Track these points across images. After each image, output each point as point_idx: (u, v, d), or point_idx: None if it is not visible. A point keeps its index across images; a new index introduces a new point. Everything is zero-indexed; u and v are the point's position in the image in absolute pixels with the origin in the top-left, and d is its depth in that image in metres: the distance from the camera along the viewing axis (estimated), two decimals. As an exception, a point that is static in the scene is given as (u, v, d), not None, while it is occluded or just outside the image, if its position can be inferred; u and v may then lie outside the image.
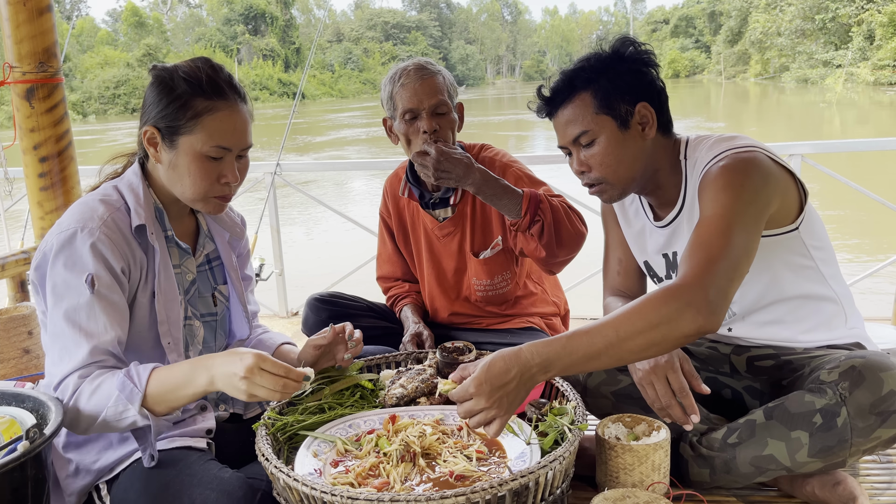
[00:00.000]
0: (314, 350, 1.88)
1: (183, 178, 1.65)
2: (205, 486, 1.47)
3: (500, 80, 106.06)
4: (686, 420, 1.65)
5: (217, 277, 1.88)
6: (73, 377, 1.51)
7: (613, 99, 1.73)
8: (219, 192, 1.68)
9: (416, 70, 2.24)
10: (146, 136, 1.65)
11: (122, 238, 1.61)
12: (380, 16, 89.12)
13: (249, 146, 1.70)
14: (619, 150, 1.75)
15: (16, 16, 2.84)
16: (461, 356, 1.97)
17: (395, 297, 2.60)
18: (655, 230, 1.92)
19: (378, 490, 1.40)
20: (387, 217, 2.59)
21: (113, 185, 1.70)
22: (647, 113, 1.76)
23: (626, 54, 1.76)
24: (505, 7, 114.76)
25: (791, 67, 45.99)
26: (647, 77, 1.77)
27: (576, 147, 1.79)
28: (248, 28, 67.45)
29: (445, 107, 2.24)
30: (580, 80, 1.75)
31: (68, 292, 1.55)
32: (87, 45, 59.58)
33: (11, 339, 2.63)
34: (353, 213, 9.72)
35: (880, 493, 1.79)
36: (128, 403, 1.48)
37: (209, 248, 1.87)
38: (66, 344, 1.54)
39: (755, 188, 1.60)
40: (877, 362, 1.57)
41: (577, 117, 1.76)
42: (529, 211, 2.08)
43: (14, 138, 3.00)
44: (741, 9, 56.29)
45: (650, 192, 1.88)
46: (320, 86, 63.11)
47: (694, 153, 1.80)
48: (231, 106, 1.64)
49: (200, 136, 1.61)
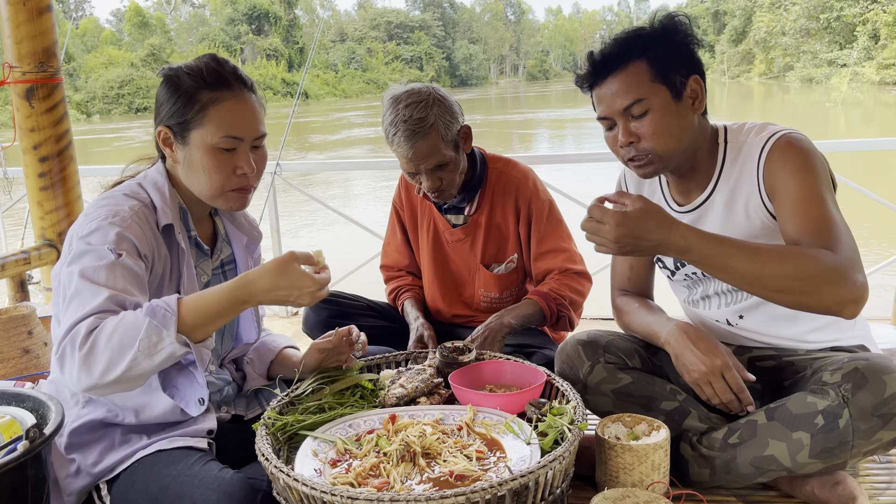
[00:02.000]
0: (319, 353, 1.88)
1: (199, 173, 1.65)
2: (206, 486, 1.47)
3: (504, 80, 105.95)
4: (743, 409, 1.70)
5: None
6: (86, 320, 1.39)
7: (669, 69, 1.70)
8: (236, 185, 1.67)
9: (406, 136, 2.13)
10: (160, 136, 1.66)
11: (150, 231, 1.61)
12: (383, 15, 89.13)
13: (263, 135, 1.69)
14: (671, 121, 1.71)
15: (16, 16, 2.85)
16: (461, 356, 1.97)
17: (398, 289, 2.59)
18: (677, 216, 1.88)
19: (378, 490, 1.40)
20: (399, 208, 2.58)
21: (137, 182, 1.70)
22: (697, 87, 1.74)
23: (676, 26, 1.73)
24: (508, 7, 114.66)
25: (795, 67, 45.89)
26: (696, 54, 1.75)
27: (624, 117, 1.73)
28: (252, 28, 67.52)
29: (443, 160, 2.18)
30: (636, 48, 1.70)
31: (90, 254, 1.49)
32: (91, 45, 59.70)
33: (11, 339, 2.63)
34: (356, 213, 9.70)
35: (880, 493, 1.79)
36: (161, 329, 1.38)
37: (226, 253, 1.86)
38: (83, 299, 1.43)
39: (825, 168, 1.68)
40: (880, 364, 1.56)
41: (631, 85, 1.70)
42: (552, 313, 2.27)
43: (14, 138, 3.00)
44: (745, 8, 56.20)
45: (683, 172, 1.84)
46: (324, 85, 63.16)
47: (737, 137, 1.79)
48: (237, 95, 1.64)
49: (209, 127, 1.61)
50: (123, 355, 1.36)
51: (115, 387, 1.40)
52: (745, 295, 1.85)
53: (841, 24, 41.70)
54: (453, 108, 2.20)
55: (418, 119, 2.12)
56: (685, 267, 1.94)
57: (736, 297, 1.87)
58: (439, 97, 2.18)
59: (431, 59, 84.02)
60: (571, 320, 2.31)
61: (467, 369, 1.93)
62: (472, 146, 2.35)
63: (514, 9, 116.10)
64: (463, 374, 1.90)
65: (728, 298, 1.89)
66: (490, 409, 1.72)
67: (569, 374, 1.91)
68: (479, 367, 1.95)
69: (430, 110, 2.13)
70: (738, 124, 1.82)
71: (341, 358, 1.91)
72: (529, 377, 1.88)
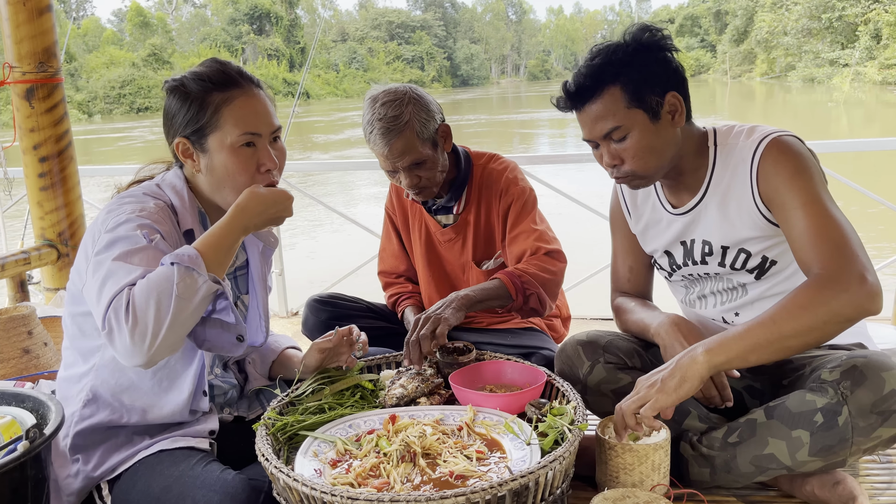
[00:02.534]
0: (319, 353, 1.88)
1: (224, 179, 1.64)
2: (207, 487, 1.47)
3: (505, 80, 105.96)
4: (723, 404, 1.72)
5: (241, 287, 1.87)
6: (122, 293, 1.38)
7: (644, 91, 1.70)
8: (263, 182, 1.65)
9: (381, 134, 2.15)
10: (179, 149, 1.65)
11: (174, 230, 1.61)
12: (384, 15, 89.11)
13: (279, 127, 1.69)
14: (651, 143, 1.73)
15: (16, 16, 2.85)
16: (461, 356, 1.97)
17: (398, 296, 2.59)
18: (674, 219, 1.90)
19: (378, 490, 1.40)
20: (392, 213, 2.59)
21: (156, 183, 1.70)
22: (675, 102, 1.74)
23: (649, 43, 1.72)
24: (510, 6, 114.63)
25: (797, 67, 45.90)
26: (672, 64, 1.74)
27: (605, 142, 1.76)
28: (253, 28, 67.53)
29: (420, 158, 2.19)
30: (608, 75, 1.70)
31: (121, 242, 1.48)
32: (92, 45, 59.72)
33: (11, 339, 2.63)
34: (357, 213, 9.69)
35: (880, 493, 1.79)
36: (193, 270, 1.40)
37: (240, 259, 1.85)
38: (117, 277, 1.42)
39: (817, 168, 1.69)
40: (878, 362, 1.56)
41: (608, 113, 1.71)
42: (518, 291, 2.17)
43: (14, 138, 3.00)
44: (747, 8, 56.18)
45: (671, 177, 1.86)
46: (325, 85, 63.19)
47: (726, 140, 1.79)
48: (246, 91, 1.64)
49: (226, 127, 1.61)
50: (167, 305, 1.36)
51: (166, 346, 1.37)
52: (741, 293, 1.86)
53: (843, 23, 41.68)
54: (430, 107, 2.22)
55: (393, 117, 2.14)
56: (681, 269, 1.94)
57: (731, 296, 1.88)
58: (415, 96, 2.20)
59: (433, 58, 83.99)
60: (542, 298, 2.23)
61: (467, 369, 1.93)
62: (452, 144, 2.35)
63: (516, 8, 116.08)
64: (463, 374, 1.90)
65: (723, 297, 1.89)
66: (490, 410, 1.72)
67: (569, 374, 1.91)
68: (480, 368, 1.95)
69: (405, 108, 2.15)
70: (727, 126, 1.83)
71: (342, 358, 1.91)
72: (529, 377, 1.88)
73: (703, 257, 1.87)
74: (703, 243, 1.86)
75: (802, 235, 1.62)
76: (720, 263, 1.85)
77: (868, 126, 22.97)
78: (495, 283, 2.19)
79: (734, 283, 1.87)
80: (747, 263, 1.81)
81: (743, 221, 1.76)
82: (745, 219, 1.76)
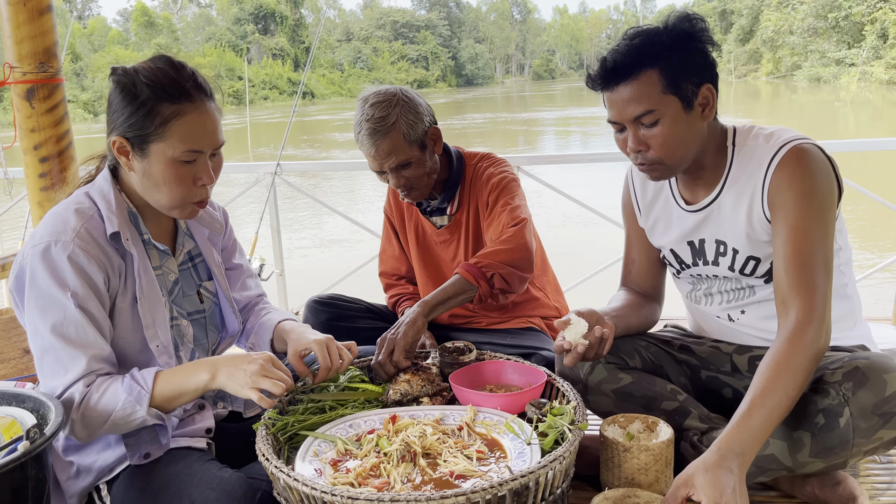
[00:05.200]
0: (299, 360, 1.81)
1: (159, 185, 1.61)
2: (205, 486, 1.48)
3: (510, 79, 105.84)
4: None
5: (201, 274, 1.85)
6: (77, 385, 1.52)
7: (681, 78, 1.67)
8: (196, 197, 1.64)
9: (368, 134, 2.16)
10: (115, 146, 1.61)
11: (97, 247, 1.58)
12: (389, 15, 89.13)
13: (222, 144, 1.66)
14: (681, 133, 1.70)
15: (16, 16, 2.84)
16: (461, 356, 1.97)
17: (399, 297, 2.59)
18: (685, 215, 1.89)
19: (378, 490, 1.40)
20: (390, 215, 2.59)
21: (84, 191, 1.67)
22: (709, 95, 1.71)
23: (691, 31, 1.69)
24: (514, 6, 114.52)
25: (803, 66, 45.75)
26: (709, 57, 1.71)
27: (634, 125, 1.71)
28: (258, 27, 67.65)
29: (406, 159, 2.19)
30: (648, 56, 1.65)
31: (53, 306, 1.53)
32: (97, 44, 59.85)
33: (11, 339, 2.63)
34: (358, 213, 9.70)
35: (880, 494, 1.79)
36: (136, 405, 1.52)
37: (189, 246, 1.83)
38: (59, 357, 1.54)
39: (827, 186, 1.67)
40: (881, 364, 1.56)
41: (642, 95, 1.66)
42: (477, 278, 2.11)
43: (14, 139, 3.00)
44: (753, 7, 56.04)
45: (690, 172, 1.83)
46: (329, 85, 63.28)
47: (745, 140, 1.77)
48: (198, 107, 1.59)
49: (171, 141, 1.56)
50: (106, 420, 1.53)
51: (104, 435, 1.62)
52: (748, 293, 1.85)
53: (849, 23, 41.54)
54: (418, 109, 2.22)
55: (380, 118, 2.15)
56: (690, 268, 1.94)
57: (738, 295, 1.87)
58: (405, 98, 2.20)
59: (437, 58, 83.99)
60: (506, 276, 2.13)
61: (468, 369, 1.93)
62: (445, 146, 2.35)
63: (520, 8, 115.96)
64: (463, 374, 1.90)
65: (730, 296, 1.89)
66: (490, 410, 1.71)
67: (569, 374, 1.91)
68: (480, 368, 1.95)
69: (393, 109, 2.16)
70: (747, 127, 1.81)
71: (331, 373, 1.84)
72: (530, 377, 1.88)
73: (716, 257, 1.86)
74: (717, 243, 1.84)
75: (781, 260, 1.65)
76: (730, 267, 1.84)
77: (875, 125, 22.89)
78: (454, 279, 2.15)
79: (743, 285, 1.86)
80: (757, 270, 1.80)
81: (751, 224, 1.75)
82: (752, 222, 1.75)
